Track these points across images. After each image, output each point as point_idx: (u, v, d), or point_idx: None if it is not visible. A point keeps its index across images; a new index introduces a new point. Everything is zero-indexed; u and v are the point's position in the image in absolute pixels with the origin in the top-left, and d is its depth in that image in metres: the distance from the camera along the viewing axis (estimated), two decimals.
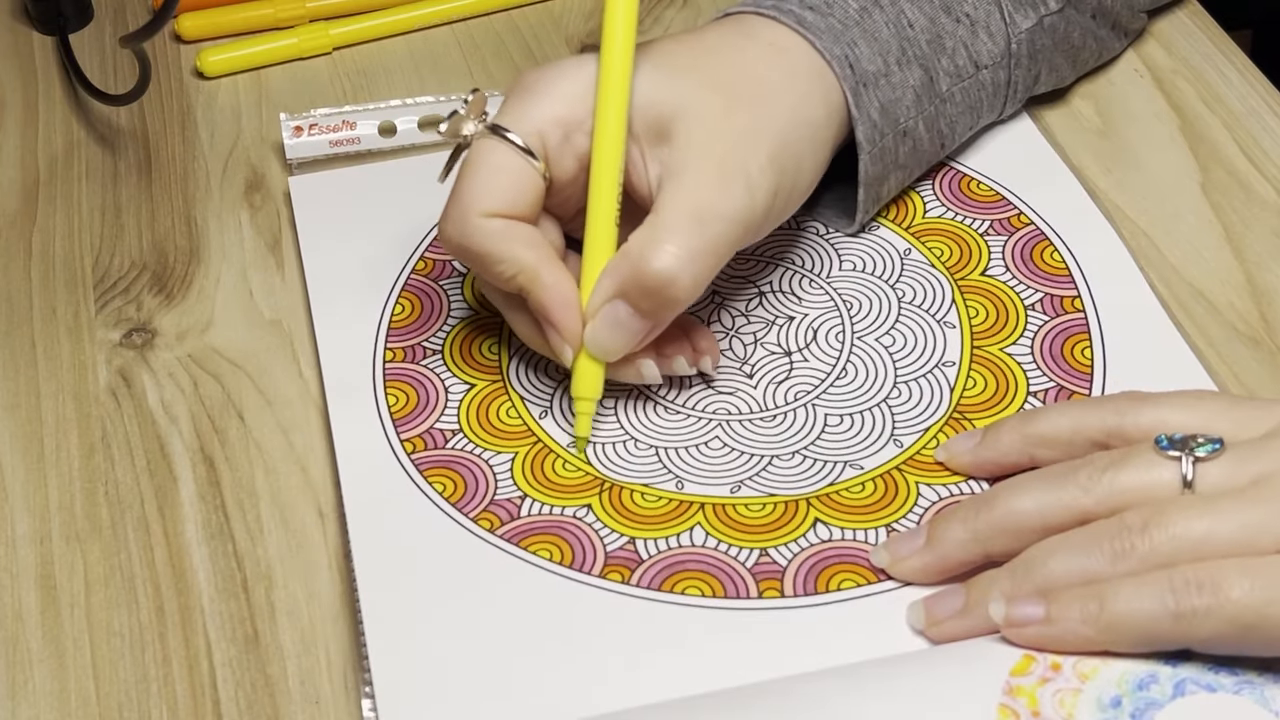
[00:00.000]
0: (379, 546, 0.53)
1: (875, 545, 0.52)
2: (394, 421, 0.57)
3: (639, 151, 0.54)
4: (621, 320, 0.53)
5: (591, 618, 0.51)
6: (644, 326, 0.53)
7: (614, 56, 0.53)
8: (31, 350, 0.62)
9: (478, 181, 0.53)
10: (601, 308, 0.53)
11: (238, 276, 0.64)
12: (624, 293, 0.53)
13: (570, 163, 0.55)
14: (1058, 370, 0.57)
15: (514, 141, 0.53)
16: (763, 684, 0.48)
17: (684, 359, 0.57)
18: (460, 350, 0.60)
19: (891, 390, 0.57)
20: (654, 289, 0.52)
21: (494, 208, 0.53)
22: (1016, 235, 0.63)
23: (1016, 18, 0.62)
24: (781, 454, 0.56)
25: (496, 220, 0.53)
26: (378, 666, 0.49)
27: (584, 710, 0.48)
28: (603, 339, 0.53)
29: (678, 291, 0.52)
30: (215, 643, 0.52)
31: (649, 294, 0.52)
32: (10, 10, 0.79)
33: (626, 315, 0.53)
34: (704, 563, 0.52)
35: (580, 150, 0.54)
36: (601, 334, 0.53)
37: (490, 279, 0.55)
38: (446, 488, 0.55)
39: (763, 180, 0.53)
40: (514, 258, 0.53)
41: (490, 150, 0.54)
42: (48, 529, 0.55)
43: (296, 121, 0.68)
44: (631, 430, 0.57)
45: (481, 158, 0.54)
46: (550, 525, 0.53)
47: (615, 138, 0.53)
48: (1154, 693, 0.45)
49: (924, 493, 0.54)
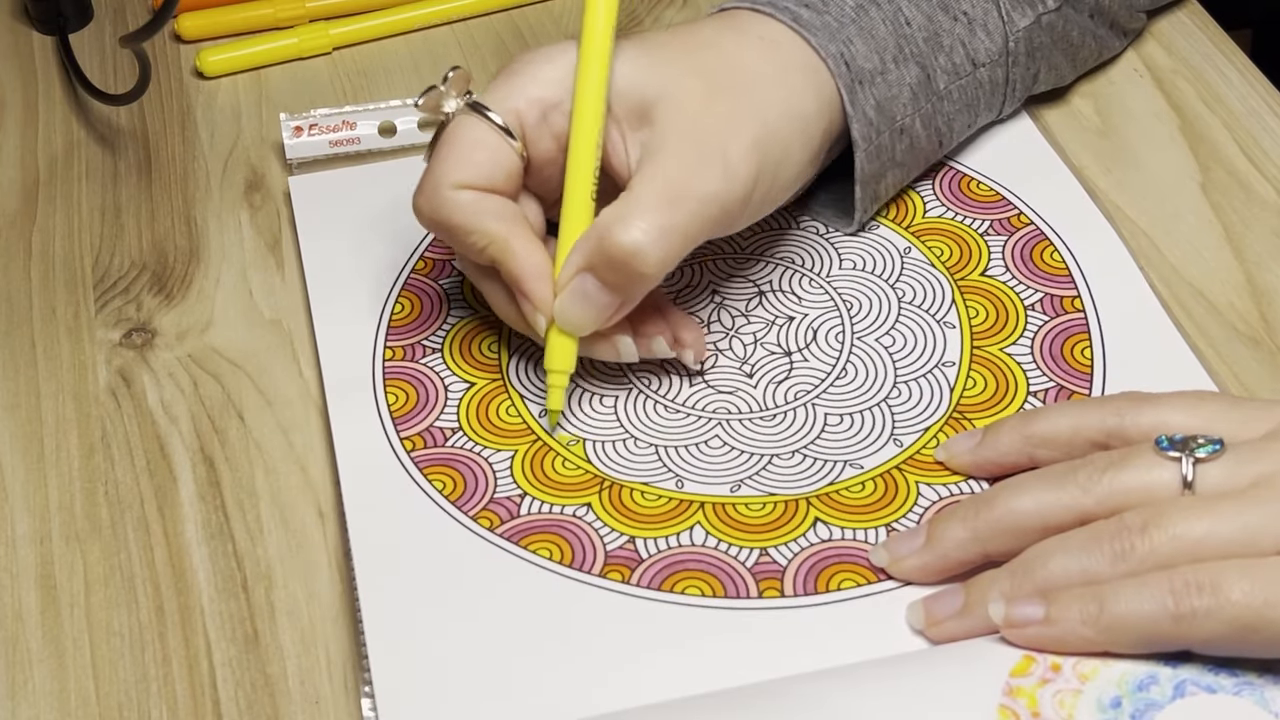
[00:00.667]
0: (379, 545, 0.53)
1: (875, 545, 0.52)
2: (394, 420, 0.57)
3: (620, 134, 0.55)
4: (589, 293, 0.53)
5: (591, 617, 0.51)
6: (612, 301, 0.53)
7: (594, 34, 0.54)
8: (31, 350, 0.62)
9: (452, 155, 0.54)
10: (570, 280, 0.53)
11: (238, 276, 0.64)
12: (591, 266, 0.53)
13: (548, 143, 0.55)
14: (1057, 370, 0.57)
15: (491, 119, 0.54)
16: (763, 684, 0.48)
17: (664, 340, 0.57)
18: (460, 349, 0.60)
19: (891, 390, 0.57)
20: (620, 262, 0.52)
21: (466, 180, 0.54)
22: (1016, 235, 0.63)
23: (1014, 16, 0.62)
24: (781, 453, 0.56)
25: (467, 192, 0.54)
26: (378, 666, 0.49)
27: (584, 710, 0.48)
28: (570, 312, 0.54)
29: (643, 266, 0.52)
30: (215, 643, 0.52)
31: (615, 267, 0.52)
32: (10, 10, 0.79)
33: (594, 289, 0.53)
34: (704, 562, 0.52)
35: (558, 130, 0.55)
36: (569, 307, 0.54)
37: (463, 251, 0.56)
38: (446, 486, 0.55)
39: (742, 166, 0.53)
40: (484, 229, 0.54)
41: (467, 126, 0.54)
42: (48, 529, 0.55)
43: (296, 121, 0.68)
44: (631, 429, 0.57)
45: (458, 133, 0.54)
46: (550, 524, 0.53)
47: (593, 115, 0.54)
48: (1154, 694, 0.45)
49: (924, 492, 0.54)
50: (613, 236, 0.52)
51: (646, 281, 0.53)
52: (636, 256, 0.52)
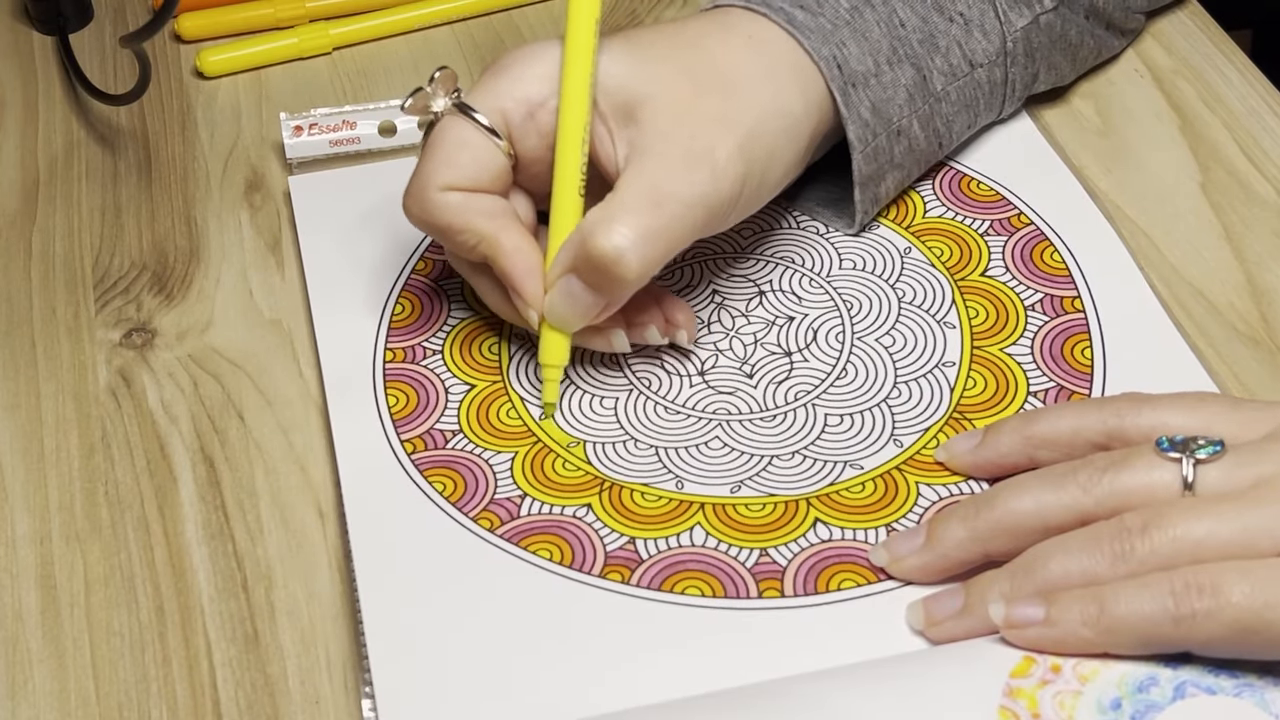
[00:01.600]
0: (379, 546, 0.53)
1: (875, 544, 0.52)
2: (394, 422, 0.57)
3: (607, 131, 0.55)
4: (575, 294, 0.54)
5: (591, 618, 0.51)
6: (597, 301, 0.54)
7: (578, 31, 0.54)
8: (31, 350, 0.62)
9: (438, 157, 0.55)
10: (557, 280, 0.54)
11: (238, 276, 0.64)
12: (575, 268, 0.53)
13: (534, 140, 0.55)
14: (1058, 370, 0.57)
15: (477, 120, 0.54)
16: (762, 684, 0.48)
17: (656, 328, 0.57)
18: (460, 350, 0.60)
19: (891, 390, 0.57)
20: (601, 266, 0.52)
21: (453, 181, 0.54)
22: (1016, 235, 0.63)
23: (1011, 16, 0.62)
24: (781, 454, 0.56)
25: (454, 194, 0.54)
26: (378, 666, 0.49)
27: (584, 710, 0.48)
28: (558, 311, 0.54)
29: (625, 271, 0.52)
30: (215, 643, 0.52)
31: (596, 271, 0.53)
32: (10, 10, 0.79)
33: (579, 290, 0.54)
34: (704, 562, 0.52)
35: (545, 129, 0.55)
36: (557, 306, 0.54)
37: (454, 249, 0.56)
38: (446, 487, 0.55)
39: (730, 167, 0.53)
40: (474, 228, 0.54)
41: (453, 127, 0.55)
42: (48, 529, 0.55)
43: (296, 121, 0.68)
44: (631, 430, 0.57)
45: (444, 135, 0.55)
46: (550, 525, 0.53)
47: (579, 111, 0.54)
48: (1154, 695, 0.45)
49: (924, 493, 0.54)
50: (595, 240, 0.52)
51: (628, 285, 0.53)
52: (619, 263, 0.52)
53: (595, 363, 0.59)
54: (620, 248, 0.52)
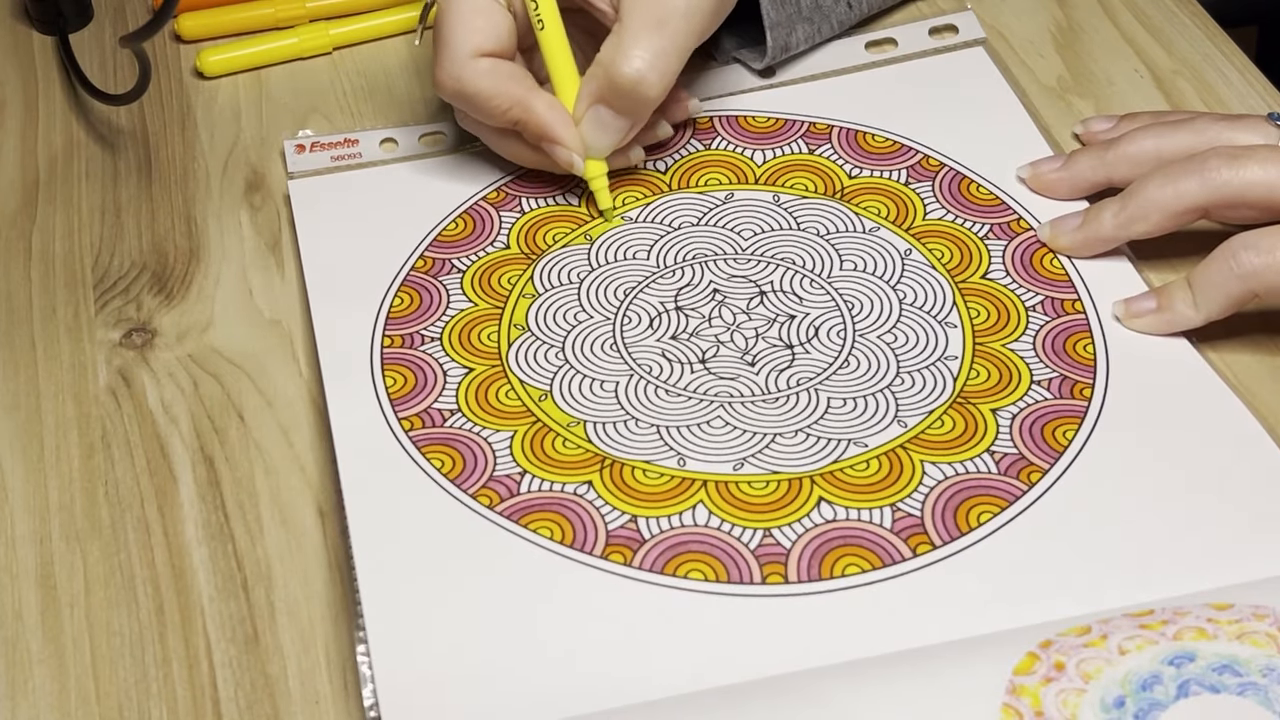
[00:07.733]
0: (377, 523, 0.52)
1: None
2: (391, 401, 0.57)
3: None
4: (605, 121, 0.61)
5: (592, 601, 0.50)
6: (625, 124, 0.61)
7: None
8: (31, 350, 0.62)
9: (461, 24, 0.60)
10: (585, 114, 0.61)
11: (238, 276, 0.64)
12: (603, 98, 0.60)
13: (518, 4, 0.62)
14: (1060, 362, 0.57)
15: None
16: (764, 680, 0.47)
17: (665, 124, 0.65)
18: (459, 337, 0.60)
19: (895, 378, 0.57)
20: (627, 90, 0.60)
21: (481, 46, 0.60)
22: (1016, 240, 0.63)
23: None
24: (784, 432, 0.55)
25: (485, 60, 0.60)
26: (376, 644, 0.49)
27: (584, 697, 0.48)
28: (593, 140, 0.62)
29: (648, 89, 0.60)
30: (215, 643, 0.52)
31: (623, 95, 0.60)
32: (10, 10, 0.79)
33: (609, 117, 0.61)
34: (707, 544, 0.52)
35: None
36: (591, 136, 0.62)
37: (485, 116, 0.62)
38: (445, 464, 0.55)
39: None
40: (507, 92, 0.61)
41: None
42: (48, 529, 0.55)
43: (298, 141, 0.68)
44: (631, 410, 0.57)
45: (456, 4, 0.60)
46: (550, 502, 0.53)
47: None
48: (1157, 693, 0.45)
49: (929, 471, 0.54)
50: (618, 68, 0.59)
51: (652, 102, 0.61)
52: (641, 83, 0.59)
53: (595, 347, 0.59)
54: (640, 70, 0.59)
